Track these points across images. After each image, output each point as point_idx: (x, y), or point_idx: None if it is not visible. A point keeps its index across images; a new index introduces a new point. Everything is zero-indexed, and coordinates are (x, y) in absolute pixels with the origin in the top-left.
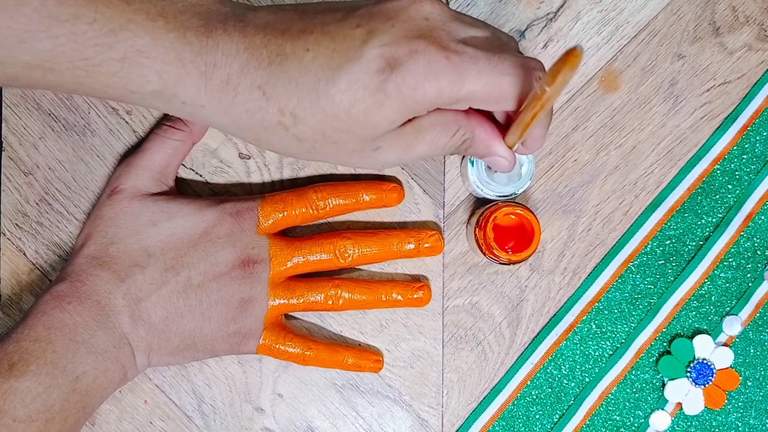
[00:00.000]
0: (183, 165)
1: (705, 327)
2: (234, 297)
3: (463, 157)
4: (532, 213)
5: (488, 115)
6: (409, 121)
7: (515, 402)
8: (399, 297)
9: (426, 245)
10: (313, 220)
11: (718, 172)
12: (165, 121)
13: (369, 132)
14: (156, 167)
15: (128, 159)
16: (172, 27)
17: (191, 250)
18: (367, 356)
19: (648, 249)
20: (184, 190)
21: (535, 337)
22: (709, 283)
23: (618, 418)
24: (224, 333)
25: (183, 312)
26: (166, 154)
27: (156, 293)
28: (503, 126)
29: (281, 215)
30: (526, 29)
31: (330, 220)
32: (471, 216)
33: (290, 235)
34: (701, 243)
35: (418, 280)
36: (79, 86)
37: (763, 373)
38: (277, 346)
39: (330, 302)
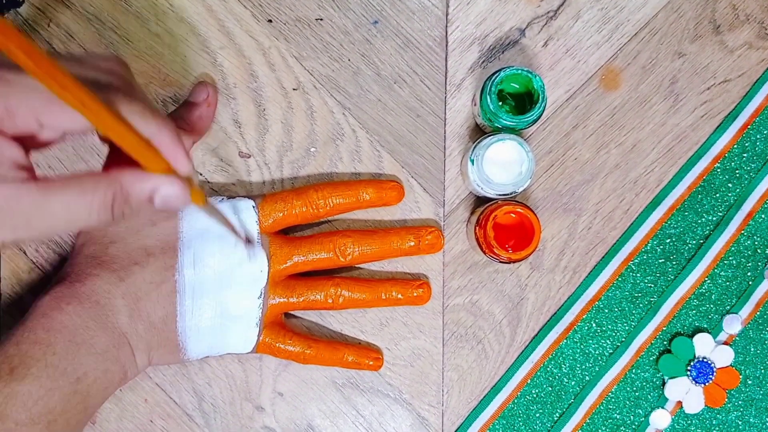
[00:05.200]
0: None
1: (705, 325)
2: None
3: (464, 155)
4: (533, 211)
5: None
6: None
7: (515, 401)
8: (399, 295)
9: (426, 242)
10: (313, 219)
11: (719, 170)
12: None
13: None
14: None
15: None
16: None
17: (190, 249)
18: (367, 354)
19: (648, 247)
20: None
21: (536, 335)
22: (709, 281)
23: (618, 417)
24: None
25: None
26: None
27: (155, 292)
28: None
29: (281, 214)
30: (526, 27)
31: (330, 219)
32: (471, 214)
33: (290, 233)
34: (701, 241)
35: (418, 279)
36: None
37: (763, 371)
38: (277, 344)
39: (330, 301)
